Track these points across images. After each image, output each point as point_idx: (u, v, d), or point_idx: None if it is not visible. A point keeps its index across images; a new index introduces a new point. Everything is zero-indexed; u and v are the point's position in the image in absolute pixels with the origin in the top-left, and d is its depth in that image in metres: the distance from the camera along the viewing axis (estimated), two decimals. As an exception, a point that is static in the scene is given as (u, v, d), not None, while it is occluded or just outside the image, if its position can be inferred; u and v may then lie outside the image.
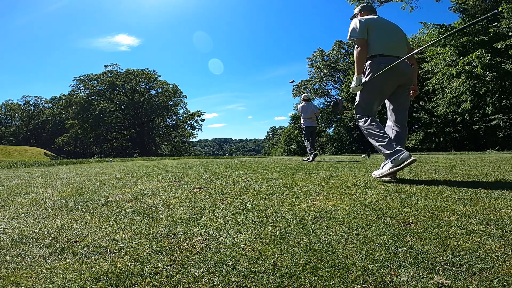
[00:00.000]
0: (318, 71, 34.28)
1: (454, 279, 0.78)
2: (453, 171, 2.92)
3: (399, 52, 2.32)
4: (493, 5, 14.36)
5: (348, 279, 0.80)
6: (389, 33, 2.32)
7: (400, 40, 2.38)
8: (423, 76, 19.55)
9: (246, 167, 4.09)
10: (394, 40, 2.34)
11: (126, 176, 3.26)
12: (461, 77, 13.91)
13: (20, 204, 1.83)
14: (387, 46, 2.28)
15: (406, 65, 2.33)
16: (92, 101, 36.61)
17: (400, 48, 2.36)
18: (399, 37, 2.39)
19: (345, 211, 1.48)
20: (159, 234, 1.21)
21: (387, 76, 2.24)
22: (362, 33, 2.28)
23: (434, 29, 15.53)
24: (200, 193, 2.09)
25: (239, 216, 1.44)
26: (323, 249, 1.01)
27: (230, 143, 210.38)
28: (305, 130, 6.27)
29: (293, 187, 2.24)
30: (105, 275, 0.85)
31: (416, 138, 20.66)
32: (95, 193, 2.19)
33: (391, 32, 2.35)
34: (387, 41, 2.29)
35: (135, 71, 38.15)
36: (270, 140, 72.48)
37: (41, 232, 1.26)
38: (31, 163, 6.43)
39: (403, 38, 2.42)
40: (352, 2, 16.21)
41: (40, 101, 53.28)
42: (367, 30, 2.29)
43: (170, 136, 42.96)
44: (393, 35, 2.35)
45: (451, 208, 1.46)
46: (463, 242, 1.03)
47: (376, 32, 2.28)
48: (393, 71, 2.22)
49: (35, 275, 0.86)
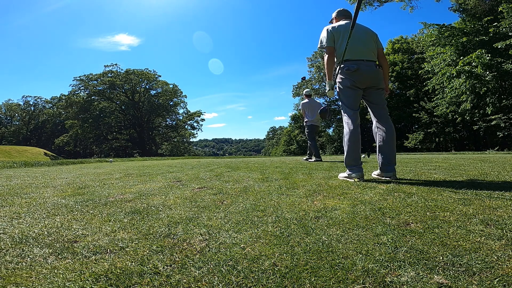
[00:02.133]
0: (318, 71, 34.27)
1: (454, 279, 0.78)
2: (453, 171, 2.92)
3: (365, 55, 2.44)
4: (493, 5, 14.36)
5: (348, 279, 0.80)
6: (355, 38, 2.41)
7: (366, 43, 2.48)
8: (423, 76, 19.56)
9: (246, 167, 4.09)
10: (360, 44, 2.44)
11: (126, 176, 3.26)
12: (461, 77, 13.91)
13: (20, 204, 1.83)
14: (351, 51, 2.40)
15: (370, 67, 2.44)
16: (92, 101, 36.59)
17: (366, 51, 2.46)
18: (366, 40, 2.49)
19: (345, 211, 1.48)
20: (159, 234, 1.21)
21: (350, 77, 2.42)
22: (329, 42, 2.46)
23: (434, 29, 15.54)
24: (200, 193, 2.09)
25: (239, 216, 1.44)
26: (323, 249, 1.01)
27: (230, 143, 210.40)
28: (311, 130, 5.84)
29: (293, 187, 2.24)
30: (105, 275, 0.85)
31: (416, 138, 20.65)
32: (95, 193, 2.19)
33: (358, 37, 2.44)
34: (351, 46, 2.38)
35: (135, 71, 38.12)
36: (270, 140, 72.46)
37: (41, 232, 1.26)
38: (31, 163, 6.43)
39: (370, 41, 2.51)
40: (352, 2, 16.20)
41: (40, 101, 53.30)
42: (333, 37, 2.46)
43: (170, 136, 42.95)
44: (359, 40, 2.45)
45: (451, 208, 1.46)
46: (463, 242, 1.03)
47: (343, 38, 2.41)
48: (355, 73, 2.39)
49: (35, 275, 0.86)
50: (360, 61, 2.40)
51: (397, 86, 24.68)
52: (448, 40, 14.98)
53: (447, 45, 15.12)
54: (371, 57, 2.47)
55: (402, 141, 21.39)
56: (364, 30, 2.53)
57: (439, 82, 15.73)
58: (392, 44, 26.38)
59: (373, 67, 2.46)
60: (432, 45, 16.07)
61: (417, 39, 24.21)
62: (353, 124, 2.43)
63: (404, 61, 24.46)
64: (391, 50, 26.00)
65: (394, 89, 24.79)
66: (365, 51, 2.45)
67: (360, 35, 2.47)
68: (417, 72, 22.11)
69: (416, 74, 22.77)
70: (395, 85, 24.73)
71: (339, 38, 2.44)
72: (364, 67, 2.39)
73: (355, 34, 2.40)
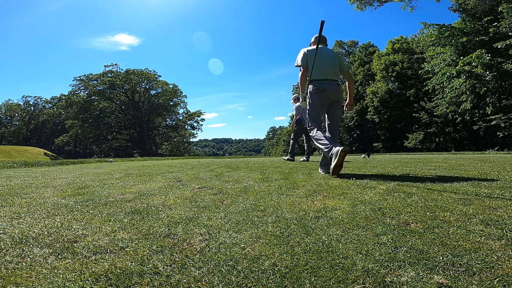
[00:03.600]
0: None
1: (454, 279, 0.78)
2: (453, 171, 2.92)
3: (330, 76, 2.94)
4: (493, 5, 14.36)
5: (348, 279, 0.80)
6: (322, 61, 2.90)
7: (331, 66, 2.97)
8: (423, 76, 19.57)
9: (246, 167, 4.09)
10: (325, 66, 2.93)
11: (126, 176, 3.26)
12: (461, 77, 13.91)
13: (20, 204, 1.83)
14: (320, 72, 2.90)
15: (333, 87, 2.93)
16: (92, 101, 36.58)
17: (331, 72, 2.96)
18: (331, 63, 2.99)
19: (345, 211, 1.48)
20: (159, 234, 1.21)
21: (319, 95, 2.92)
22: (303, 61, 2.98)
23: (434, 29, 15.54)
24: (200, 193, 2.09)
25: (239, 216, 1.44)
26: (323, 249, 1.01)
27: (230, 143, 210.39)
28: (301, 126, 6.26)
29: (293, 187, 2.24)
30: (105, 275, 0.85)
31: (416, 138, 20.65)
32: (95, 193, 2.19)
33: (324, 60, 2.93)
34: (320, 67, 2.88)
35: (135, 71, 38.11)
36: (270, 140, 72.49)
37: (41, 232, 1.26)
38: (31, 163, 6.43)
39: (334, 63, 3.01)
40: (352, 2, 16.21)
41: (40, 101, 53.31)
42: (307, 58, 2.96)
43: (170, 136, 42.93)
44: (326, 63, 2.94)
45: (451, 208, 1.46)
46: (463, 242, 1.03)
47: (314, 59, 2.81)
48: (323, 92, 2.89)
49: (35, 275, 0.86)
50: (326, 81, 2.90)
51: (397, 86, 24.68)
52: (448, 40, 14.98)
53: (447, 45, 15.12)
54: (334, 77, 2.97)
55: (402, 141, 21.39)
56: (331, 54, 3.04)
57: (439, 82, 15.73)
58: (392, 44, 26.36)
59: (336, 86, 2.95)
60: (432, 45, 16.08)
61: (417, 39, 24.21)
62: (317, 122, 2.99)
63: (404, 61, 24.46)
64: (391, 50, 25.99)
65: (394, 89, 24.79)
66: (331, 72, 2.95)
67: (328, 58, 2.97)
68: (417, 72, 22.12)
69: (416, 74, 22.78)
70: (395, 85, 24.74)
71: (312, 59, 2.84)
72: (329, 86, 2.90)
73: (324, 57, 2.92)
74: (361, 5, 16.19)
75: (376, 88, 24.85)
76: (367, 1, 16.03)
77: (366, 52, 31.03)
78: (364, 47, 31.97)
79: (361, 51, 31.77)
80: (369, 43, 32.05)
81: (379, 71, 25.66)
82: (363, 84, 28.97)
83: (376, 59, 26.70)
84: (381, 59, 25.82)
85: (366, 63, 29.59)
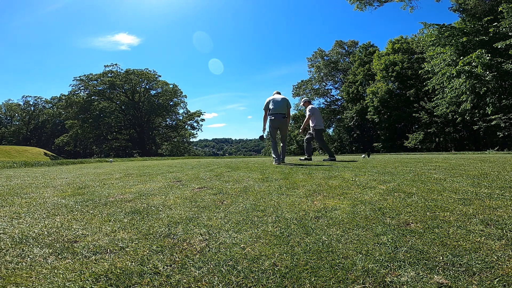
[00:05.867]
0: (318, 71, 34.29)
1: (454, 279, 0.78)
2: (453, 171, 2.92)
3: (280, 111, 4.90)
4: (493, 5, 14.36)
5: (348, 279, 0.80)
6: (276, 103, 4.92)
7: (282, 105, 4.92)
8: (423, 76, 19.57)
9: (246, 167, 4.10)
10: (278, 106, 4.90)
11: (126, 176, 3.26)
12: (461, 77, 13.91)
13: (20, 204, 1.83)
14: (275, 109, 4.87)
15: (281, 117, 4.90)
16: (92, 101, 36.57)
17: (281, 109, 4.91)
18: (282, 104, 4.92)
19: (345, 211, 1.48)
20: (159, 234, 1.21)
21: (273, 122, 4.89)
22: (266, 106, 4.97)
23: (434, 29, 15.54)
24: (200, 193, 2.09)
25: (239, 216, 1.44)
26: (323, 249, 1.01)
27: (230, 143, 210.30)
28: (320, 133, 6.27)
29: (293, 187, 2.23)
30: (105, 275, 0.85)
31: (416, 138, 20.64)
32: (95, 193, 2.18)
33: (278, 102, 4.93)
34: (275, 107, 4.88)
35: (135, 71, 38.10)
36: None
37: (41, 232, 1.26)
38: (31, 163, 6.43)
39: (284, 104, 4.95)
40: (352, 2, 16.21)
41: (40, 101, 53.29)
42: (269, 104, 4.95)
43: (170, 136, 42.92)
44: (278, 104, 4.91)
45: (451, 208, 1.46)
46: (463, 242, 1.03)
47: (272, 103, 4.92)
48: (275, 120, 4.88)
49: (35, 275, 0.86)
50: (277, 114, 4.88)
51: (397, 86, 24.67)
52: (448, 40, 14.97)
53: (447, 45, 15.11)
54: (283, 111, 4.92)
55: (402, 141, 21.38)
56: (282, 99, 4.96)
57: (439, 82, 15.73)
58: (392, 44, 26.35)
59: (282, 118, 4.92)
60: (432, 45, 16.07)
61: (417, 39, 24.20)
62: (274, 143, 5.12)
63: (404, 61, 24.44)
64: (391, 50, 25.98)
65: (394, 89, 24.77)
66: (280, 109, 4.90)
67: (279, 101, 4.93)
68: (417, 72, 22.10)
69: (416, 74, 22.77)
70: (395, 85, 24.72)
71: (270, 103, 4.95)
72: (278, 117, 4.89)
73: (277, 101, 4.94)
74: (361, 5, 16.19)
75: (376, 88, 24.85)
76: (367, 1, 16.03)
77: (366, 52, 31.03)
78: (364, 47, 31.98)
79: (361, 51, 31.77)
80: (369, 43, 32.06)
81: (379, 71, 25.65)
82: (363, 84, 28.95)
83: (376, 59, 26.69)
84: (381, 59, 25.80)
85: (366, 63, 29.57)
